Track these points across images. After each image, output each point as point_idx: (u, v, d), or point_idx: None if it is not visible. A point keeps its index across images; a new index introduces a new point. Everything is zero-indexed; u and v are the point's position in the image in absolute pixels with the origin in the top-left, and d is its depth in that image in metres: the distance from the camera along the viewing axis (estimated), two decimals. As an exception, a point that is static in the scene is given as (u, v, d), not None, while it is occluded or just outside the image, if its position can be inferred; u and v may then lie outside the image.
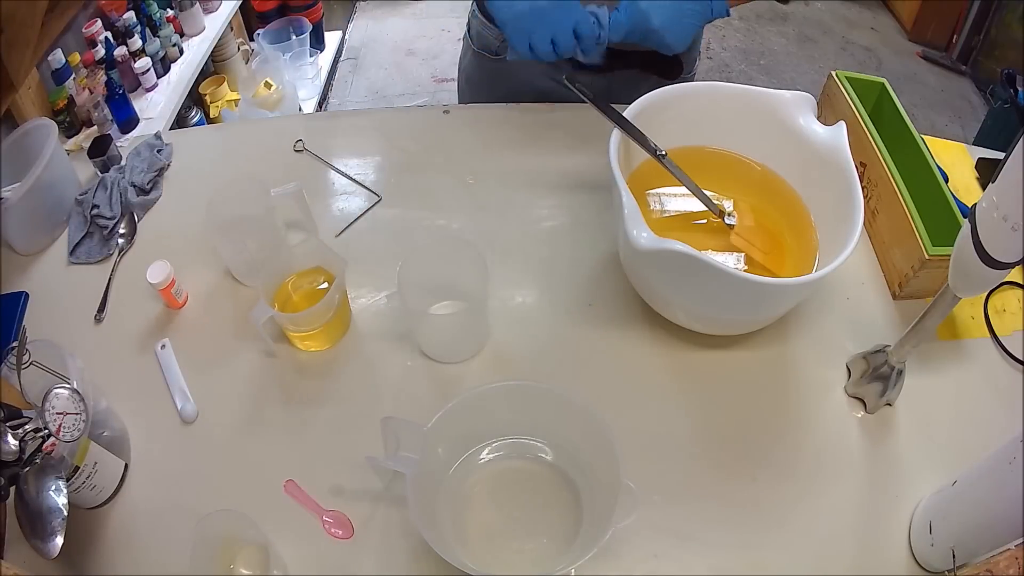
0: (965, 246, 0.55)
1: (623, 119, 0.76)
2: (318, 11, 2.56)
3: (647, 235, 0.64)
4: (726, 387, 0.76)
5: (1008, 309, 0.82)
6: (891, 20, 3.12)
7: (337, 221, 0.92)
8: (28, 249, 0.91)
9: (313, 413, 0.75)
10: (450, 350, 0.78)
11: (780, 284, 0.68)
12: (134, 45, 1.84)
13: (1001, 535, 0.55)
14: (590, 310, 0.82)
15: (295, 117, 1.95)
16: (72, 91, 1.71)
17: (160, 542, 0.67)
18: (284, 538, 0.65)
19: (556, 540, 0.64)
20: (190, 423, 0.74)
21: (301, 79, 2.42)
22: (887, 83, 0.93)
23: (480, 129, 1.01)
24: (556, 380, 0.63)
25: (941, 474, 0.64)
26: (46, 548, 0.57)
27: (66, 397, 0.60)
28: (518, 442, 0.70)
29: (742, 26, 3.10)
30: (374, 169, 0.99)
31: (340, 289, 0.76)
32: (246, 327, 0.80)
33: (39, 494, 0.59)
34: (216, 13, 2.17)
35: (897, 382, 0.71)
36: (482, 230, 0.90)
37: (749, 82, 1.03)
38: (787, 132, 0.79)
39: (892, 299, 0.83)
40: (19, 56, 1.43)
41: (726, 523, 0.67)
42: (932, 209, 0.80)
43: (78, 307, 0.85)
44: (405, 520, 0.67)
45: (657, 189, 0.83)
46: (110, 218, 0.91)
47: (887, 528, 0.66)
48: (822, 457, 0.71)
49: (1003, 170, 0.51)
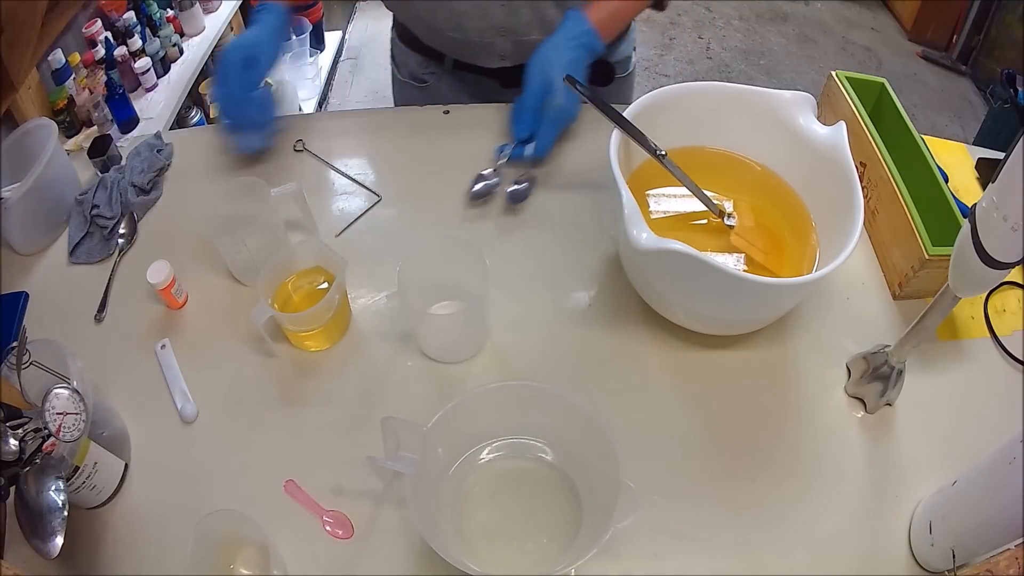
0: (965, 246, 0.55)
1: (623, 119, 0.76)
2: (318, 11, 2.56)
3: (647, 235, 0.64)
4: (726, 387, 0.76)
5: (1008, 309, 0.83)
6: (891, 20, 3.12)
7: (337, 221, 0.92)
8: (28, 249, 0.91)
9: (313, 413, 0.75)
10: (450, 350, 0.78)
11: (780, 284, 0.68)
12: (134, 45, 1.84)
13: (1001, 535, 0.55)
14: (590, 310, 0.82)
15: (295, 117, 1.94)
16: (72, 91, 1.72)
17: (160, 542, 0.67)
18: (284, 538, 0.65)
19: (556, 540, 0.64)
20: (190, 423, 0.74)
21: (301, 79, 2.42)
22: (887, 83, 0.93)
23: (480, 129, 1.01)
24: (556, 380, 0.63)
25: (941, 474, 0.64)
26: (46, 548, 0.57)
27: (66, 397, 0.60)
28: (518, 442, 0.70)
29: (742, 26, 3.10)
30: (374, 169, 0.99)
31: (340, 289, 0.76)
32: (246, 327, 0.80)
33: (39, 494, 0.59)
34: (216, 13, 2.17)
35: (897, 382, 0.71)
36: (482, 230, 0.90)
37: (749, 82, 1.03)
38: (787, 132, 0.79)
39: (892, 299, 0.83)
40: (19, 56, 1.44)
41: (726, 523, 0.67)
42: (932, 209, 0.80)
43: (78, 307, 0.85)
44: (405, 520, 0.67)
45: (657, 189, 0.83)
46: (110, 218, 0.91)
47: (887, 528, 0.66)
48: (822, 457, 0.71)
49: (1003, 170, 0.51)
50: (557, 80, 0.87)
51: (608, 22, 0.92)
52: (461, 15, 0.98)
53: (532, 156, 0.93)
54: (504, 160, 0.94)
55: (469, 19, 0.98)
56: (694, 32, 3.06)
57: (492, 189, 0.93)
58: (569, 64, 0.88)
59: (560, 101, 0.89)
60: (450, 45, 1.05)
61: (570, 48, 0.89)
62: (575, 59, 0.89)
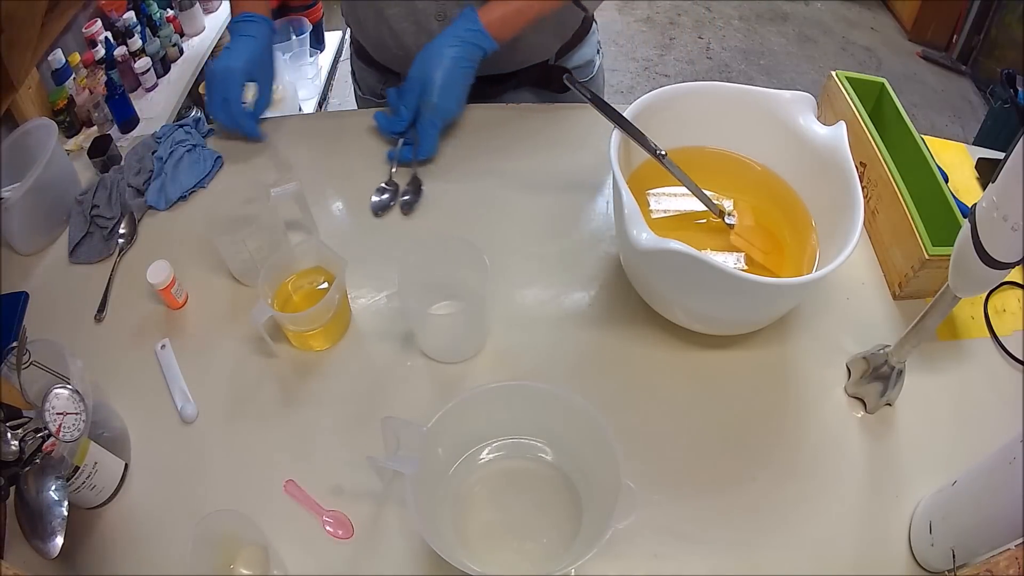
0: (965, 246, 0.55)
1: (623, 119, 0.76)
2: (318, 11, 2.55)
3: (647, 235, 0.64)
4: (726, 387, 0.76)
5: (1008, 309, 0.82)
6: (891, 20, 3.12)
7: (337, 221, 0.92)
8: (28, 249, 0.91)
9: (313, 413, 0.75)
10: (450, 350, 0.78)
11: (780, 284, 0.68)
12: (134, 45, 1.84)
13: (1001, 535, 0.55)
14: (590, 310, 0.82)
15: (295, 117, 1.94)
16: (72, 91, 1.72)
17: (160, 542, 0.67)
18: (284, 538, 0.65)
19: (556, 540, 0.64)
20: (190, 423, 0.74)
21: (301, 79, 2.42)
22: (887, 83, 0.93)
23: (480, 129, 1.01)
24: (556, 380, 0.63)
25: (941, 474, 0.64)
26: (46, 548, 0.57)
27: (66, 397, 0.60)
28: (518, 442, 0.69)
29: (742, 26, 3.10)
30: (374, 169, 0.99)
31: (340, 289, 0.76)
32: (246, 327, 0.80)
33: (39, 494, 0.59)
34: (216, 13, 2.17)
35: (897, 382, 0.71)
36: (482, 230, 0.90)
37: (749, 82, 1.03)
38: (787, 132, 0.79)
39: (892, 299, 0.83)
40: (19, 56, 1.44)
41: (726, 523, 0.67)
42: (932, 209, 0.80)
43: (78, 307, 0.85)
44: (405, 520, 0.67)
45: (657, 189, 0.83)
46: (110, 218, 0.91)
47: (887, 528, 0.66)
48: (822, 457, 0.71)
49: (1003, 170, 0.51)
50: (436, 77, 0.88)
51: (503, 21, 0.91)
52: (400, 33, 0.98)
53: (418, 159, 0.94)
54: (395, 168, 0.94)
55: (407, 36, 0.98)
56: (694, 32, 3.06)
57: (388, 204, 0.92)
58: (453, 62, 0.89)
59: (434, 100, 0.90)
60: (398, 62, 1.05)
61: (454, 45, 0.89)
62: (459, 57, 0.89)
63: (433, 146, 0.94)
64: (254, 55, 0.94)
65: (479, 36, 0.89)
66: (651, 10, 3.17)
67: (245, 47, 0.94)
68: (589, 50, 1.12)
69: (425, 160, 0.95)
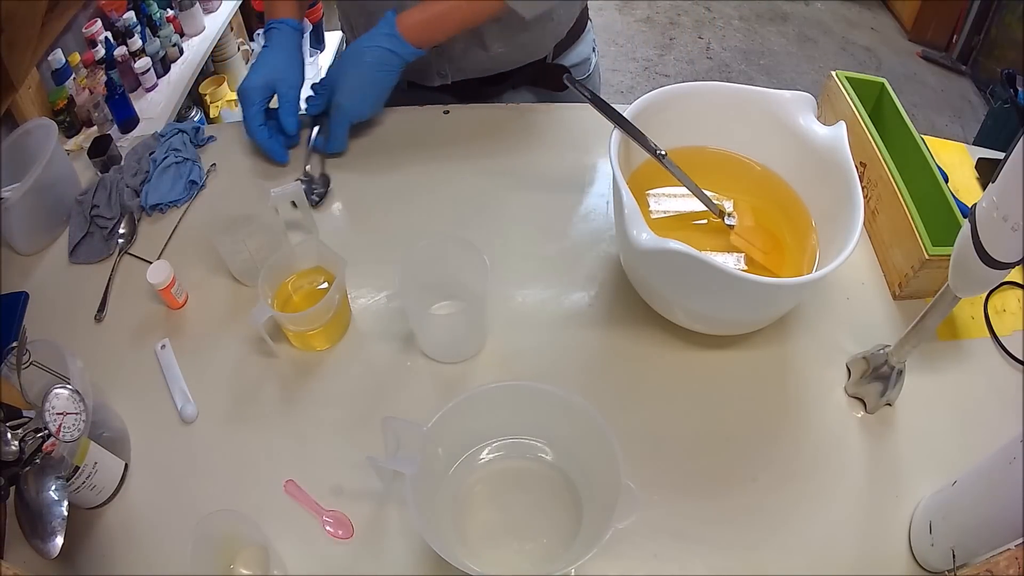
0: (965, 246, 0.55)
1: (623, 119, 0.76)
2: (318, 11, 2.55)
3: (647, 235, 0.64)
4: (726, 387, 0.76)
5: (1008, 309, 0.82)
6: (891, 20, 3.12)
7: (337, 221, 0.92)
8: (28, 249, 0.91)
9: (313, 413, 0.75)
10: (450, 350, 0.78)
11: (780, 284, 0.68)
12: (134, 45, 1.84)
13: (1001, 535, 0.55)
14: (590, 310, 0.82)
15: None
16: (72, 91, 1.71)
17: (160, 542, 0.67)
18: (284, 538, 0.65)
19: (556, 540, 0.64)
20: (190, 423, 0.74)
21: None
22: (887, 83, 0.93)
23: (480, 129, 1.01)
24: (556, 380, 0.63)
25: (941, 474, 0.64)
26: (46, 548, 0.57)
27: (66, 397, 0.60)
28: (518, 442, 0.69)
29: (742, 26, 3.10)
30: (374, 169, 0.99)
31: (340, 289, 0.76)
32: (246, 327, 0.80)
33: (39, 494, 0.59)
34: (216, 13, 2.17)
35: (897, 382, 0.71)
36: (482, 230, 0.90)
37: (749, 82, 1.03)
38: (787, 132, 0.79)
39: (892, 299, 0.83)
40: (19, 56, 1.43)
41: (726, 523, 0.67)
42: (932, 209, 0.80)
43: (78, 307, 0.85)
44: (405, 520, 0.67)
45: (657, 189, 0.83)
46: (110, 218, 0.91)
47: (887, 528, 0.66)
48: (822, 457, 0.71)
49: (1003, 170, 0.51)
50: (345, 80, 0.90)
51: (424, 25, 0.89)
52: None
53: (326, 150, 0.96)
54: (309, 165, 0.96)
55: None
56: (694, 32, 3.07)
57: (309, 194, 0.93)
58: (367, 67, 0.90)
59: (340, 101, 0.92)
60: None
61: (371, 49, 0.89)
62: (373, 62, 0.89)
63: (342, 143, 0.97)
64: (276, 67, 0.95)
65: (394, 41, 0.89)
66: (651, 10, 3.17)
67: (265, 60, 0.96)
68: (585, 48, 1.12)
69: (334, 154, 0.98)
